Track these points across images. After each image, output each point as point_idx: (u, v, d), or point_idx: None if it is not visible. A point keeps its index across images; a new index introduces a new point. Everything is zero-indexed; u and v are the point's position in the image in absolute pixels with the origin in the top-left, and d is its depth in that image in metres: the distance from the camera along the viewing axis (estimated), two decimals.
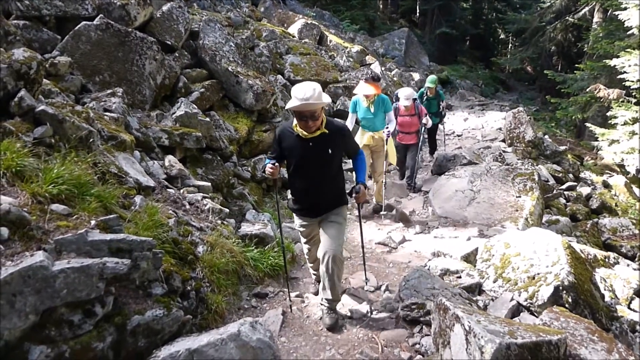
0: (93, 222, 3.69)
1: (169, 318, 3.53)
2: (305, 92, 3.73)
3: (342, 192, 4.34)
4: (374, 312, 4.69)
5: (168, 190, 5.27)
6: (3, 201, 3.31)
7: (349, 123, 6.93)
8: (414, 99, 8.29)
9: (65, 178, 3.84)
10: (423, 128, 8.68)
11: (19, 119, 4.26)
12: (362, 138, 7.12)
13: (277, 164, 4.07)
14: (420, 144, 8.81)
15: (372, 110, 6.96)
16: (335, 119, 4.33)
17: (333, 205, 4.26)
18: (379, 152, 7.24)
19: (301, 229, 4.49)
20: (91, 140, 4.57)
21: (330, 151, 3.98)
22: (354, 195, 4.29)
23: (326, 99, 3.89)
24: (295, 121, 4.01)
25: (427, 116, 8.55)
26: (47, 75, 5.19)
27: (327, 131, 3.95)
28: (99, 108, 5.57)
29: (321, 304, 4.50)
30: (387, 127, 7.07)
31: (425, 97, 10.24)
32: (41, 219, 3.47)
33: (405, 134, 8.60)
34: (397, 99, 8.45)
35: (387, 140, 7.05)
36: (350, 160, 4.68)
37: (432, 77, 10.53)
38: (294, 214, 4.45)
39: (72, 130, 4.44)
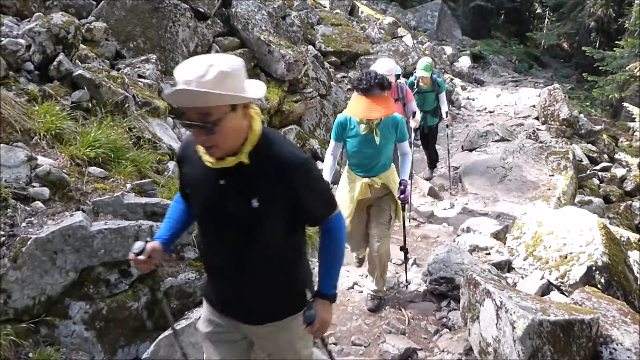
0: (128, 185, 3.77)
1: (201, 281, 3.60)
2: (189, 71, 1.68)
3: (295, 291, 2.12)
4: (401, 285, 4.71)
5: None
6: (44, 162, 3.40)
7: (329, 160, 4.06)
8: (397, 76, 5.58)
9: (102, 142, 3.91)
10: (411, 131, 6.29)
11: (57, 82, 4.33)
12: (349, 188, 4.06)
13: (149, 247, 2.05)
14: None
15: (377, 140, 3.83)
16: (289, 142, 2.11)
17: (271, 314, 2.09)
18: (381, 209, 4.12)
19: (205, 330, 2.24)
20: (126, 105, 4.62)
21: (255, 204, 1.86)
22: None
23: (243, 88, 1.79)
24: None
25: (415, 116, 6.13)
26: (83, 41, 5.24)
27: (252, 162, 1.84)
28: (133, 74, 5.61)
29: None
30: (401, 191, 3.97)
31: (415, 89, 7.15)
32: (79, 180, 3.56)
33: None
34: None
35: (405, 194, 3.97)
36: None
37: (426, 60, 7.37)
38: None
39: (108, 95, 4.49)
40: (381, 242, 4.06)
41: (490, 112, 13.42)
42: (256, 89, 1.86)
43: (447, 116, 7.42)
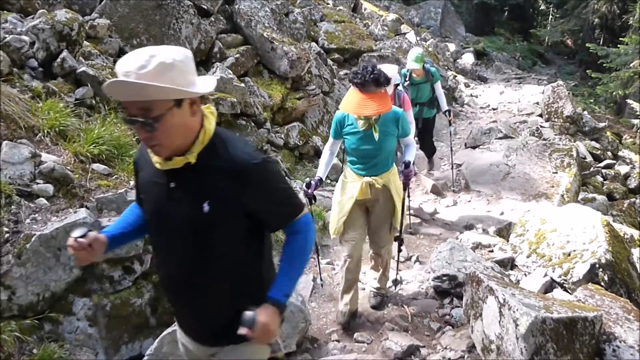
0: (132, 182, 3.78)
1: None
2: (129, 63, 1.55)
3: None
4: (404, 282, 4.71)
5: None
6: (48, 159, 3.41)
7: (326, 154, 3.95)
8: (396, 85, 5.24)
9: (106, 139, 3.93)
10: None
11: (61, 79, 4.34)
12: (346, 189, 3.85)
13: (92, 235, 1.84)
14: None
15: (375, 136, 3.63)
16: (246, 142, 1.93)
17: (230, 334, 1.77)
18: (382, 210, 3.89)
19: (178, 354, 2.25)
20: None
21: (206, 208, 1.70)
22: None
23: (190, 82, 1.64)
24: None
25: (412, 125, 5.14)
26: (86, 38, 5.24)
27: (203, 163, 1.70)
28: None
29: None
30: (405, 165, 3.88)
31: (407, 81, 6.87)
32: (83, 177, 3.57)
33: None
34: None
35: (410, 168, 3.90)
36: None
37: (416, 51, 6.89)
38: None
39: None
40: (383, 245, 4.03)
41: (494, 109, 13.38)
42: (205, 84, 1.70)
43: (449, 115, 7.13)
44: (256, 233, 1.84)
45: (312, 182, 3.73)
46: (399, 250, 4.40)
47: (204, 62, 7.21)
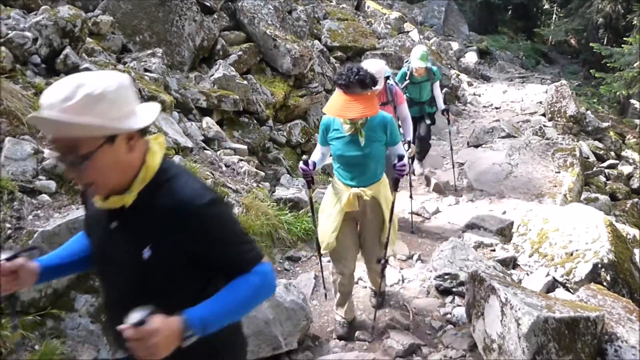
0: None
1: None
2: (54, 93, 1.35)
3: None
4: (406, 281, 4.70)
5: (205, 151, 5.33)
6: (51, 156, 3.40)
7: (317, 153, 3.67)
8: (386, 78, 4.94)
9: None
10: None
11: (64, 76, 4.33)
12: (335, 199, 3.54)
13: (20, 261, 1.60)
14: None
15: (361, 141, 3.37)
16: (195, 179, 1.60)
17: None
18: (371, 224, 3.63)
19: None
20: None
21: (146, 254, 1.51)
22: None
23: (123, 115, 1.42)
24: None
25: (409, 145, 4.99)
26: (89, 34, 5.25)
27: (144, 203, 1.51)
28: (139, 68, 5.62)
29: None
30: (398, 158, 3.47)
31: (407, 80, 6.70)
32: None
33: None
34: None
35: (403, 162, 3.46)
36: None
37: (422, 49, 6.68)
38: None
39: None
40: (376, 264, 3.76)
41: (497, 108, 13.35)
42: (145, 115, 1.48)
43: (448, 114, 7.13)
44: (209, 282, 1.61)
45: (310, 160, 3.46)
46: (382, 275, 3.81)
47: (206, 60, 7.22)
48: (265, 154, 6.70)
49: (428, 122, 7.18)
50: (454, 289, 4.36)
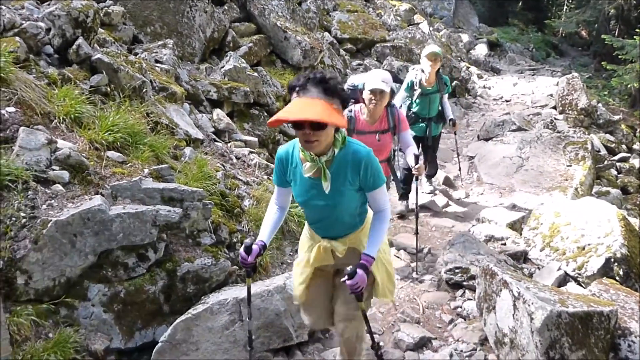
0: (146, 170, 3.79)
1: (217, 267, 3.62)
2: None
3: None
4: (416, 274, 4.70)
5: (216, 143, 5.33)
6: (64, 146, 3.42)
7: (271, 211, 2.83)
8: (392, 93, 4.14)
9: (120, 126, 3.93)
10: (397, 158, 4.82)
11: (76, 66, 4.35)
12: (307, 247, 2.84)
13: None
14: (397, 178, 4.71)
15: (325, 187, 2.49)
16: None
17: None
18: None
19: None
20: (144, 90, 4.63)
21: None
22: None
23: None
24: None
25: (415, 161, 4.37)
26: (100, 25, 5.24)
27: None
28: (150, 59, 5.62)
29: None
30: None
31: (417, 91, 5.65)
32: (98, 164, 3.59)
33: None
34: (353, 96, 4.23)
35: (356, 279, 2.46)
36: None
37: (435, 47, 5.80)
38: None
39: (126, 80, 4.51)
40: (348, 324, 2.80)
41: (507, 101, 13.25)
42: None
43: (454, 125, 6.14)
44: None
45: (255, 245, 2.62)
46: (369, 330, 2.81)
47: (217, 51, 7.21)
48: (276, 146, 6.70)
49: (432, 153, 6.25)
50: (464, 283, 4.35)
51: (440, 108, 5.89)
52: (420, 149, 5.71)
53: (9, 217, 2.97)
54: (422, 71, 5.63)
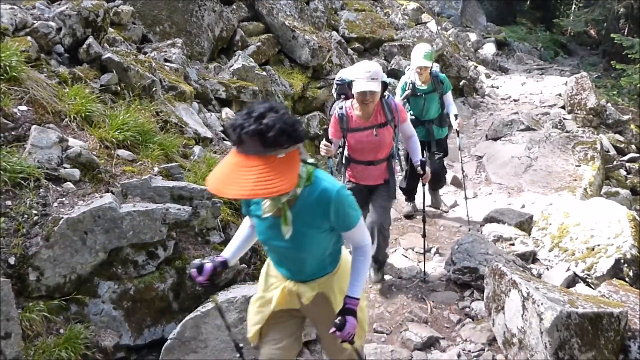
0: (156, 169, 3.81)
1: None
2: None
3: None
4: (424, 274, 4.69)
5: (225, 142, 5.35)
6: (74, 144, 3.45)
7: (240, 231, 2.49)
8: (384, 85, 3.68)
9: (130, 125, 3.96)
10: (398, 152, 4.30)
11: (86, 65, 4.38)
12: (267, 283, 2.45)
13: None
14: (394, 181, 4.13)
15: (285, 230, 2.09)
16: None
17: None
18: (324, 321, 2.37)
19: None
20: (154, 89, 4.66)
21: None
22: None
23: None
24: None
25: (414, 138, 4.14)
26: (110, 24, 5.28)
27: None
28: (159, 58, 5.64)
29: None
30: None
31: (410, 90, 5.35)
32: (108, 163, 3.61)
33: (363, 166, 4.03)
34: (342, 91, 3.98)
35: (346, 330, 2.14)
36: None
37: (425, 47, 5.33)
38: None
39: (136, 79, 4.53)
40: (340, 356, 2.47)
41: (515, 100, 13.18)
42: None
43: (456, 119, 5.53)
44: None
45: (209, 264, 2.31)
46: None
47: (225, 50, 7.23)
48: None
49: (438, 155, 5.66)
50: (472, 283, 4.34)
51: (440, 110, 5.50)
52: (425, 156, 5.44)
53: (21, 214, 3.00)
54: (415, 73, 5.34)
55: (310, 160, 2.08)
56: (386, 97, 3.83)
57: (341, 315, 2.11)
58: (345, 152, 4.06)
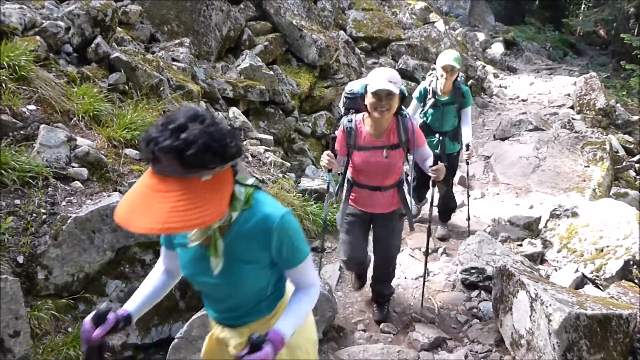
0: None
1: None
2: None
3: None
4: (431, 274, 4.68)
5: None
6: (83, 143, 3.47)
7: (155, 272, 2.07)
8: (402, 96, 3.18)
9: (138, 124, 3.97)
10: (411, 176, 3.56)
11: (95, 65, 4.40)
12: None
13: None
14: (410, 215, 3.62)
15: (214, 263, 1.68)
16: None
17: None
18: None
19: None
20: (161, 88, 4.67)
21: None
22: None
23: None
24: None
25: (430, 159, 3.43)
26: (119, 24, 5.30)
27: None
28: (167, 57, 5.66)
29: None
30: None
31: (431, 99, 4.89)
32: (116, 162, 3.62)
33: (368, 191, 3.48)
34: (352, 106, 3.46)
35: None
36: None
37: (454, 52, 4.90)
38: None
39: (143, 78, 4.55)
40: None
41: (523, 100, 13.11)
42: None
43: (468, 149, 4.98)
44: None
45: (111, 314, 1.76)
46: None
47: (233, 50, 7.24)
48: (291, 144, 6.72)
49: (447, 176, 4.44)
50: (480, 283, 4.32)
51: (457, 124, 5.00)
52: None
53: (29, 213, 3.02)
54: (438, 78, 4.82)
55: (250, 180, 1.67)
56: (403, 114, 3.31)
57: (263, 339, 1.57)
58: (348, 174, 3.51)
